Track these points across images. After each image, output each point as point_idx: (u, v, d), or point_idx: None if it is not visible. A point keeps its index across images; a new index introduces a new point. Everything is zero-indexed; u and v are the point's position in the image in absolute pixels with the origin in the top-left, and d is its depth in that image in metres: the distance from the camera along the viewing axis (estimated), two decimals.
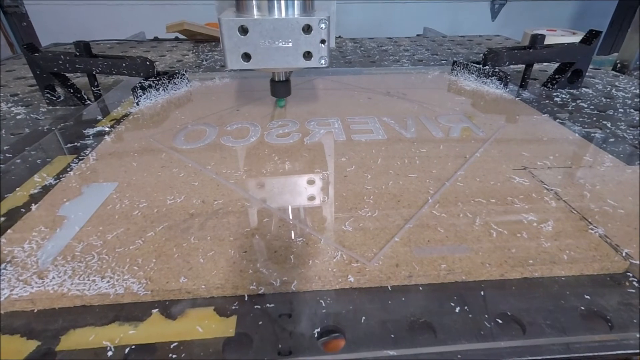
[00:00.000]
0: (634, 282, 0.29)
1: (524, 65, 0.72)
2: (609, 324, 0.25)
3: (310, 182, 0.41)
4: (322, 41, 0.49)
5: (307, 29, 0.48)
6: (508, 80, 0.69)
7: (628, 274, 0.30)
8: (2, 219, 0.36)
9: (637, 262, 0.30)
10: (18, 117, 0.61)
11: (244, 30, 0.47)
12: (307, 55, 0.50)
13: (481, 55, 0.74)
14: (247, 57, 0.49)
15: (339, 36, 1.34)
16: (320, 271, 0.29)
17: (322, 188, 0.40)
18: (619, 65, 0.96)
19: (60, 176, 0.43)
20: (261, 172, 0.43)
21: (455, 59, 0.82)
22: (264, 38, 0.48)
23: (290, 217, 0.36)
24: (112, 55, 0.66)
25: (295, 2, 0.48)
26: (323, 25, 0.47)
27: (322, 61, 0.50)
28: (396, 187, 0.40)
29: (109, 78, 0.83)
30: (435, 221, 0.35)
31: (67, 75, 0.66)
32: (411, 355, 0.24)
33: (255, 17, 0.47)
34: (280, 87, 0.60)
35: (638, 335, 0.25)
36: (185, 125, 0.56)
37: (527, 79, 0.73)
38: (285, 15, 0.48)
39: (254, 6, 0.48)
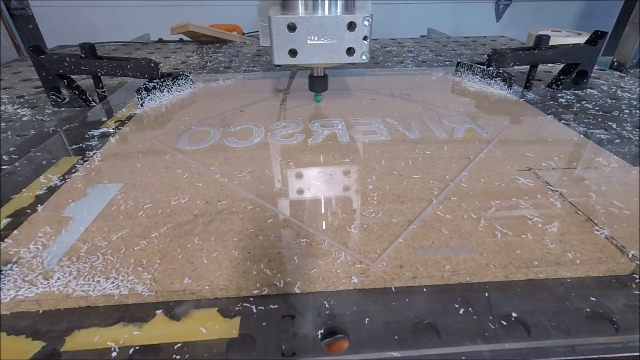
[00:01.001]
0: None
1: (528, 66, 0.72)
2: (615, 326, 0.25)
3: (313, 183, 0.41)
4: (365, 38, 0.51)
5: (351, 26, 0.50)
6: (512, 81, 0.69)
7: (634, 275, 0.29)
8: (8, 220, 0.36)
9: None
10: (24, 118, 0.62)
11: (292, 28, 0.50)
12: (350, 51, 0.52)
13: (485, 56, 0.74)
14: (293, 53, 0.52)
15: None
16: (324, 272, 0.29)
17: (325, 189, 0.40)
18: (615, 63, 0.96)
19: (66, 177, 0.43)
20: (265, 173, 0.43)
21: (459, 60, 0.82)
22: (311, 35, 0.50)
23: (294, 217, 0.36)
24: (117, 57, 0.66)
25: (339, 1, 0.50)
26: (366, 23, 0.50)
27: (364, 57, 0.53)
28: (400, 188, 0.40)
29: (113, 80, 0.84)
30: (439, 222, 0.35)
31: (73, 77, 0.67)
32: (415, 356, 0.24)
33: (302, 15, 0.50)
34: (319, 82, 0.62)
35: None
36: (189, 126, 0.56)
37: (531, 80, 0.72)
38: (329, 14, 0.50)
39: (300, 5, 0.51)
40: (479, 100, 0.66)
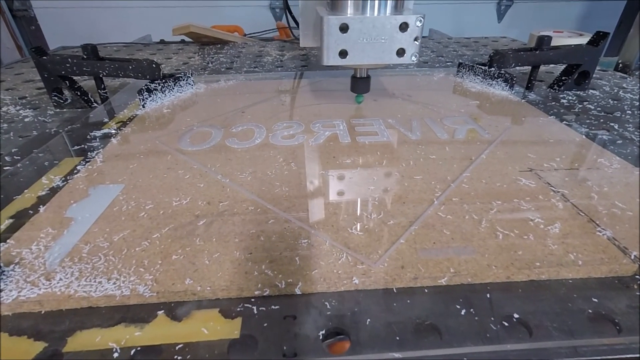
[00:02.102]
0: None
1: (530, 67, 0.72)
2: (617, 327, 0.25)
3: (315, 184, 0.41)
4: (416, 38, 0.51)
5: (404, 27, 0.50)
6: (514, 82, 0.69)
7: (637, 276, 0.29)
8: (10, 221, 0.36)
9: None
10: (26, 119, 0.62)
11: (343, 29, 0.49)
12: (400, 52, 0.52)
13: (487, 56, 0.74)
14: (343, 54, 0.51)
15: None
16: (326, 273, 0.29)
17: (327, 190, 0.40)
18: (620, 65, 0.95)
19: (68, 178, 0.43)
20: (266, 174, 0.43)
21: (460, 60, 0.82)
22: (362, 36, 0.50)
23: (295, 218, 0.36)
24: (118, 58, 0.66)
25: (389, 1, 0.50)
26: (419, 23, 0.50)
27: (413, 58, 0.52)
28: (401, 189, 0.40)
29: (115, 81, 0.84)
30: (440, 223, 0.35)
31: (75, 78, 0.67)
32: (416, 357, 0.24)
33: (353, 15, 0.50)
34: (362, 84, 0.62)
35: None
36: (190, 127, 0.57)
37: (533, 81, 0.72)
38: (378, 14, 0.50)
39: (350, 5, 0.50)
40: (481, 101, 0.66)
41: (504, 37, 1.37)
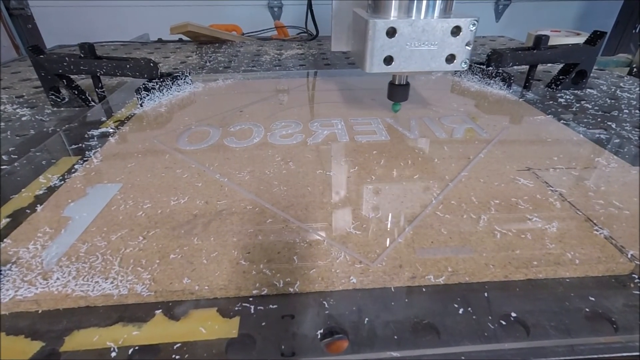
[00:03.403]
0: (639, 284, 0.29)
1: (527, 66, 0.72)
2: (614, 326, 0.25)
3: (313, 183, 0.41)
4: (468, 44, 0.47)
5: (456, 31, 0.46)
6: (512, 81, 0.69)
7: (633, 275, 0.29)
8: (7, 220, 0.36)
9: None
10: (23, 118, 0.62)
11: (390, 33, 0.45)
12: (450, 58, 0.48)
13: (485, 56, 0.74)
14: (388, 60, 0.47)
15: None
16: (324, 272, 0.29)
17: (325, 189, 0.40)
18: (635, 69, 0.93)
19: (65, 177, 0.43)
20: (264, 173, 0.43)
21: None
22: (411, 40, 0.46)
23: (293, 217, 0.36)
24: (116, 57, 0.66)
25: (438, 2, 0.46)
26: (472, 27, 0.46)
27: (463, 65, 0.49)
28: (399, 188, 0.40)
29: (113, 79, 0.84)
30: (438, 222, 0.35)
31: (72, 76, 0.67)
32: (415, 356, 0.24)
33: (393, 18, 0.46)
34: (400, 91, 0.57)
35: None
36: (188, 126, 0.56)
37: (531, 80, 0.72)
38: (425, 17, 0.46)
39: (395, 7, 0.46)
40: (479, 100, 0.66)
41: (502, 36, 1.37)
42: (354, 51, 0.51)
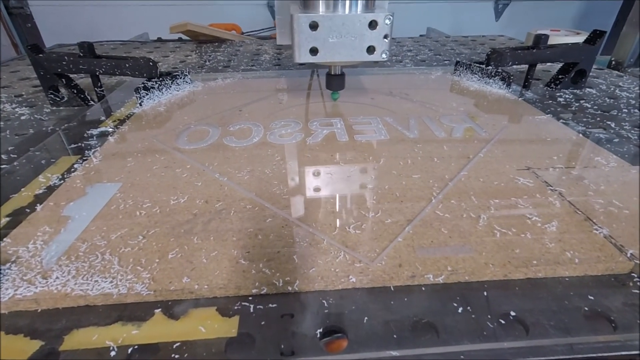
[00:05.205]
0: (639, 283, 0.29)
1: (527, 66, 0.72)
2: (613, 325, 0.25)
3: (312, 183, 0.41)
4: (385, 36, 0.52)
5: (373, 25, 0.50)
6: (511, 80, 0.69)
7: (632, 274, 0.29)
8: (7, 219, 0.36)
9: None
10: (22, 117, 0.62)
11: (313, 26, 0.50)
12: (370, 49, 0.52)
13: (484, 55, 0.74)
14: (314, 51, 0.52)
15: None
16: (323, 271, 0.29)
17: (325, 188, 0.40)
18: (613, 62, 0.96)
19: (65, 176, 0.43)
20: (264, 173, 0.43)
21: (458, 59, 0.82)
22: (332, 33, 0.51)
23: (293, 217, 0.36)
24: (115, 56, 0.66)
25: (360, 0, 0.51)
26: (388, 21, 0.50)
27: (384, 55, 0.53)
28: (399, 188, 0.40)
29: (112, 79, 0.83)
30: (438, 221, 0.35)
31: (71, 76, 0.67)
32: (414, 355, 0.24)
33: (323, 13, 0.50)
34: (337, 80, 0.62)
35: None
36: (188, 125, 0.56)
37: (530, 79, 0.72)
38: (349, 12, 0.51)
39: (321, 4, 0.51)
40: (478, 100, 0.66)
41: (502, 35, 1.37)
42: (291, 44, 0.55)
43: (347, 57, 0.52)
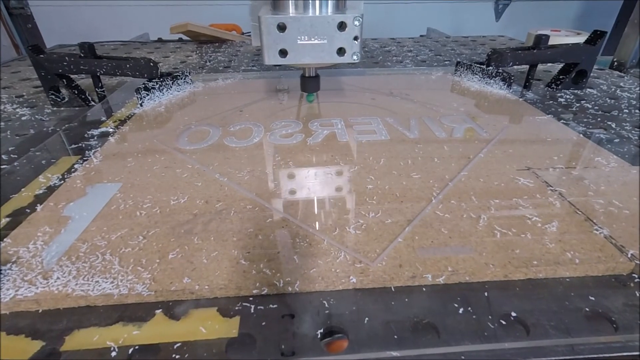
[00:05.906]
0: None
1: (527, 66, 0.72)
2: (614, 326, 0.25)
3: (313, 183, 0.41)
4: (355, 38, 0.51)
5: (342, 26, 0.50)
6: (512, 80, 0.69)
7: (633, 275, 0.29)
8: (7, 219, 0.36)
9: None
10: (23, 118, 0.62)
11: (282, 28, 0.49)
12: (341, 51, 0.52)
13: (485, 55, 0.74)
14: (283, 53, 0.51)
15: None
16: (324, 272, 0.29)
17: (325, 188, 0.40)
18: (615, 63, 0.96)
19: (65, 177, 0.43)
20: (264, 173, 0.43)
21: (458, 59, 0.82)
22: (301, 35, 0.50)
23: (293, 217, 0.36)
24: (116, 57, 0.66)
25: (330, 1, 0.50)
26: (357, 23, 0.50)
27: (355, 57, 0.52)
28: (399, 188, 0.40)
29: (113, 79, 0.84)
30: (438, 222, 0.35)
31: (72, 76, 0.67)
32: (414, 356, 0.24)
33: (292, 15, 0.49)
34: (310, 83, 0.62)
35: None
36: (188, 126, 0.56)
37: (531, 80, 0.72)
38: (320, 14, 0.50)
39: (291, 5, 0.50)
40: (479, 100, 0.66)
41: (502, 35, 1.37)
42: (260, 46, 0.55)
43: (317, 59, 0.52)
